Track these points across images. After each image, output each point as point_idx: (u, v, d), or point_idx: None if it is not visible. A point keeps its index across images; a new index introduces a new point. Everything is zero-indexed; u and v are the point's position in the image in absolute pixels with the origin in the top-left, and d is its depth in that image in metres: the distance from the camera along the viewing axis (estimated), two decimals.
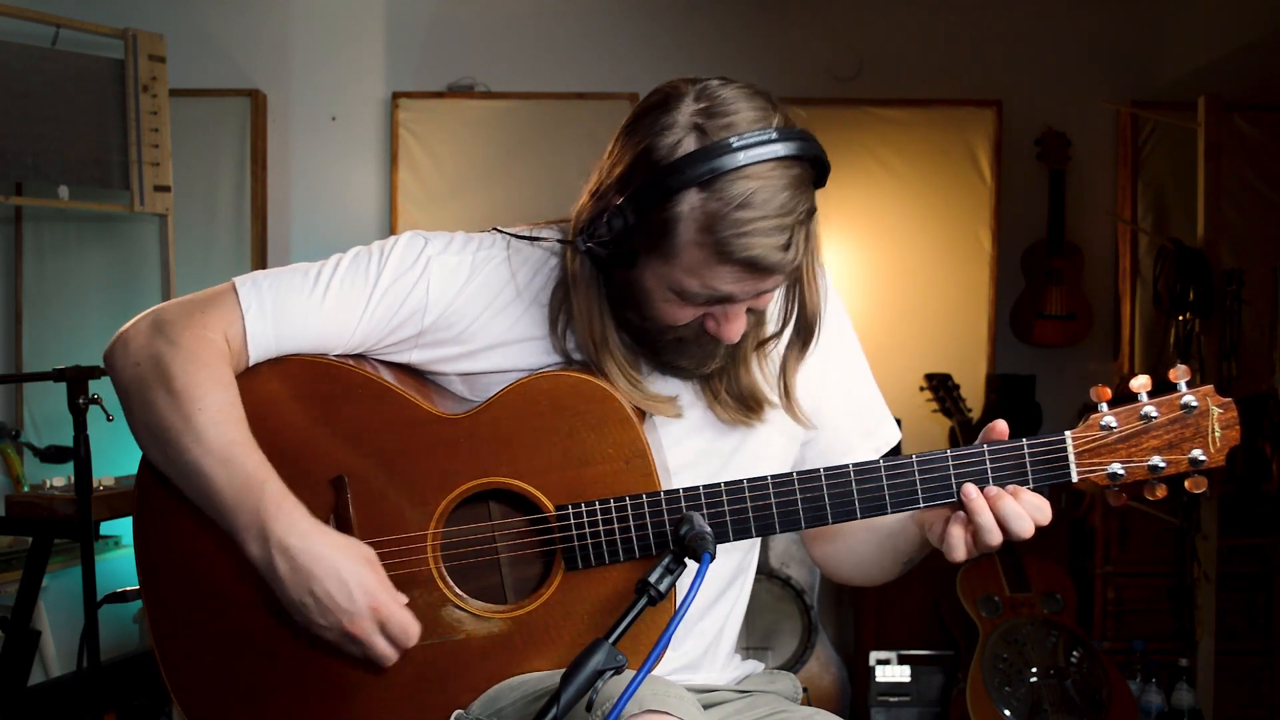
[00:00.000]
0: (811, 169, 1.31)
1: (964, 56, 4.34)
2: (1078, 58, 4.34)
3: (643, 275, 1.33)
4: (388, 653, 1.36)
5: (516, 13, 4.35)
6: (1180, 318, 3.78)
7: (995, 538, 1.31)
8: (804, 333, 1.46)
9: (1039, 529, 1.33)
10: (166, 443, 1.37)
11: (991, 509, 1.31)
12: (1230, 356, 3.81)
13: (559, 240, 1.45)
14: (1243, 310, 3.86)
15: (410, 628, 1.36)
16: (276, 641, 1.45)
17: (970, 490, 1.32)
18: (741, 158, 1.25)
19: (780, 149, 1.26)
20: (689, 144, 1.26)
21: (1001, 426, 1.36)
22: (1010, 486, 1.33)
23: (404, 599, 1.37)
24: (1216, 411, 1.33)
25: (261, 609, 1.44)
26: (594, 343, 1.40)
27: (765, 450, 1.51)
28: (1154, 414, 1.34)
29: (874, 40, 4.33)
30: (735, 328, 1.35)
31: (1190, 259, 3.76)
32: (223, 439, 1.35)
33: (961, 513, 1.34)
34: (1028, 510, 1.31)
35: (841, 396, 1.55)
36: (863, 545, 1.55)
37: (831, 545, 1.61)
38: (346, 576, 1.33)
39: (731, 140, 1.25)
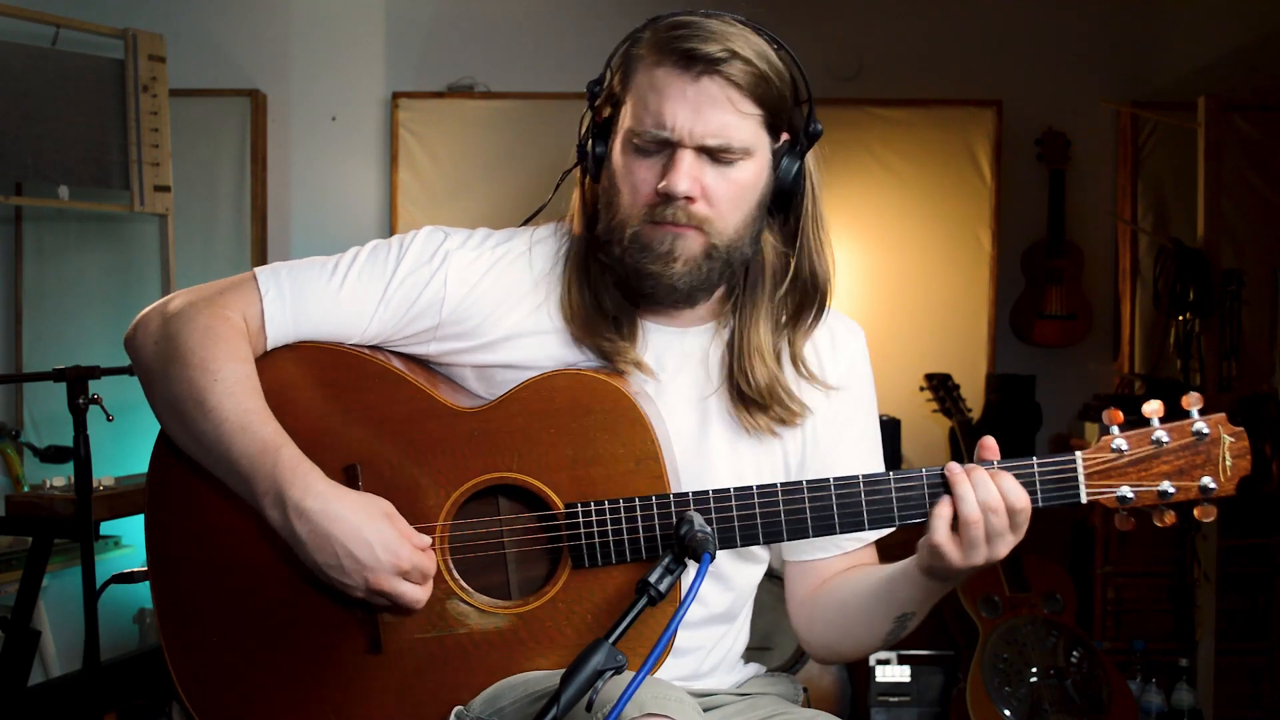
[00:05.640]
0: (791, 76, 1.39)
1: (964, 56, 4.34)
2: (1078, 58, 4.34)
3: (615, 144, 1.41)
4: (417, 597, 1.38)
5: (516, 13, 4.35)
6: (1180, 318, 3.78)
7: (972, 511, 1.30)
8: (807, 299, 1.47)
9: (1041, 528, 1.33)
10: (184, 415, 1.38)
11: (966, 475, 1.31)
12: (1230, 356, 3.81)
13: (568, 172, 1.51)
14: (1243, 310, 3.85)
15: (429, 569, 1.38)
16: (281, 630, 1.45)
17: (953, 466, 1.33)
18: (701, 11, 1.38)
19: (745, 20, 1.37)
20: None
21: (990, 444, 1.35)
22: (992, 470, 1.32)
23: (425, 541, 1.39)
24: (1228, 440, 1.34)
25: (268, 597, 1.45)
26: (578, 305, 1.45)
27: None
28: (1165, 439, 1.33)
29: (874, 40, 4.33)
30: (679, 173, 1.35)
31: (1190, 259, 3.76)
32: (239, 408, 1.36)
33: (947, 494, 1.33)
34: (1002, 488, 1.30)
35: (854, 459, 1.54)
36: (855, 601, 1.51)
37: (821, 606, 1.55)
38: (368, 535, 1.34)
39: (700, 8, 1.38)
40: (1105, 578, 3.87)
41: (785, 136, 1.41)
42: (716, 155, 1.35)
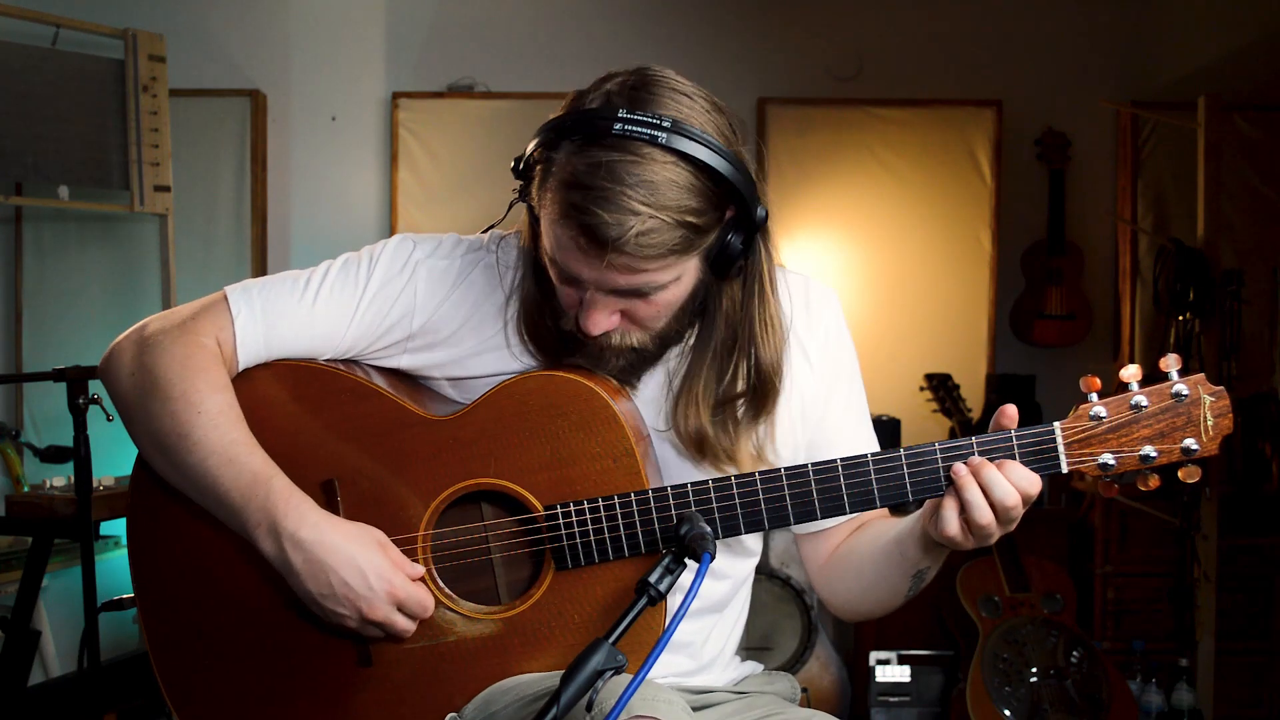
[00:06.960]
0: (716, 188, 1.26)
1: (964, 56, 4.34)
2: (1078, 58, 4.34)
3: (541, 244, 1.35)
4: (407, 628, 1.38)
5: (516, 13, 4.35)
6: (1180, 318, 3.78)
7: (984, 515, 1.28)
8: (760, 394, 1.41)
9: (1041, 528, 1.32)
10: (169, 449, 1.37)
11: (975, 477, 1.29)
12: (1230, 356, 3.81)
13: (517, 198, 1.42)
14: (1243, 310, 3.85)
15: (426, 600, 1.38)
16: (270, 646, 1.45)
17: (959, 468, 1.30)
18: (617, 128, 1.23)
19: (663, 138, 1.22)
20: (593, 104, 1.27)
21: (1012, 411, 1.34)
22: (998, 459, 1.30)
23: (419, 570, 1.39)
24: (1208, 400, 1.31)
25: (256, 613, 1.45)
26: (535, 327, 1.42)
27: None
28: (1144, 403, 1.31)
29: (874, 40, 4.33)
30: (593, 319, 1.32)
31: (1190, 259, 3.76)
32: (224, 440, 1.36)
33: (954, 489, 1.32)
34: (1014, 481, 1.28)
35: (843, 430, 1.53)
36: (870, 565, 1.50)
37: (839, 572, 1.56)
38: (362, 564, 1.34)
39: (620, 111, 1.24)
40: (1105, 578, 3.87)
41: (730, 213, 1.31)
42: (633, 293, 1.31)
